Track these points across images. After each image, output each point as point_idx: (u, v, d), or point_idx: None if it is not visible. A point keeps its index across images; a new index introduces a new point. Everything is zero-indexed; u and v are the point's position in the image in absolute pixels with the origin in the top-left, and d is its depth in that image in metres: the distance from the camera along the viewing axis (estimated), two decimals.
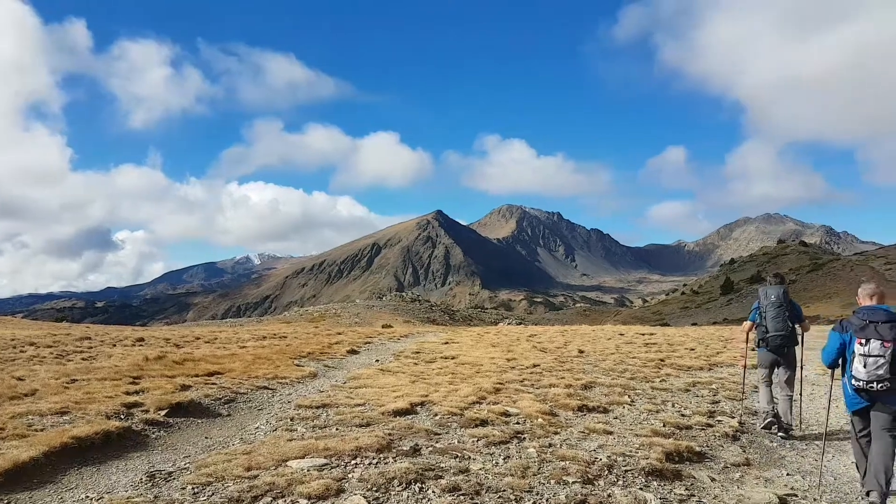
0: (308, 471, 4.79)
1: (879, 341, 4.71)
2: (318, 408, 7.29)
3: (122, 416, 6.58)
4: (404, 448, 5.54)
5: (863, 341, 4.77)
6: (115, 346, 15.40)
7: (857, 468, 5.20)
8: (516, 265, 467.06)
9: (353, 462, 5.13)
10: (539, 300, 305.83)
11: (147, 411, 6.84)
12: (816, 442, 6.82)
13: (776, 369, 7.17)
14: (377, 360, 12.24)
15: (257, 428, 6.55)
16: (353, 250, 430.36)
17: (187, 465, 5.19)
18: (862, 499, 5.02)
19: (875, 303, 5.11)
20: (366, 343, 15.63)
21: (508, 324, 49.56)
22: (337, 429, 6.30)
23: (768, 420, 6.99)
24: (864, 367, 4.74)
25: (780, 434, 7.00)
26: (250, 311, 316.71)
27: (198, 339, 18.16)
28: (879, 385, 4.71)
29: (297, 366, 11.14)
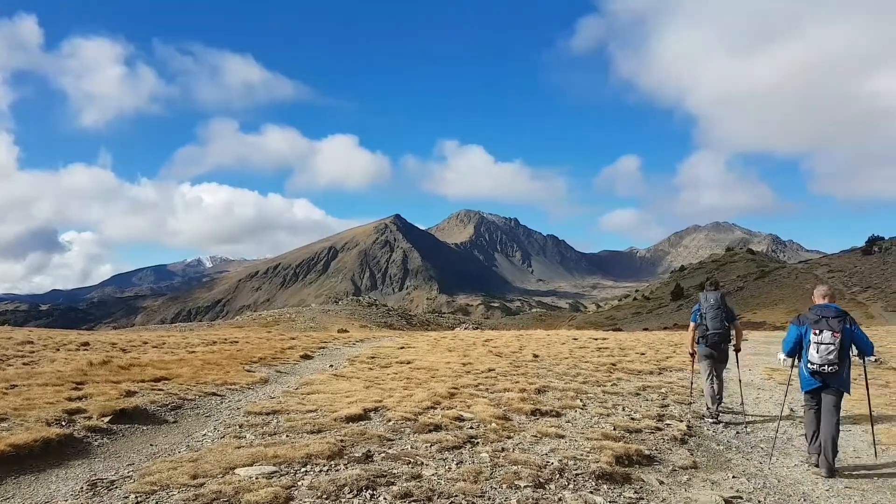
0: (256, 478, 4.70)
1: (830, 332, 5.87)
2: (268, 414, 7.17)
3: (64, 423, 6.33)
4: (356, 454, 5.49)
5: (817, 332, 5.93)
6: (58, 350, 14.80)
7: (806, 436, 6.41)
8: (474, 270, 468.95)
9: (303, 469, 5.06)
10: (496, 305, 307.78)
11: (90, 418, 6.60)
12: (762, 445, 7.07)
13: (713, 365, 8.28)
14: (331, 366, 12.10)
15: (205, 435, 6.39)
16: (309, 254, 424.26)
17: (131, 473, 5.03)
18: (808, 462, 6.27)
19: (827, 302, 6.25)
20: (320, 348, 15.42)
21: (465, 328, 49.66)
22: (287, 436, 6.20)
23: (710, 413, 8.25)
24: (818, 352, 5.90)
25: (712, 419, 8.19)
26: (201, 315, 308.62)
27: (145, 343, 17.61)
28: (829, 368, 5.88)
29: (248, 371, 10.93)
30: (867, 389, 6.70)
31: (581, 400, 8.77)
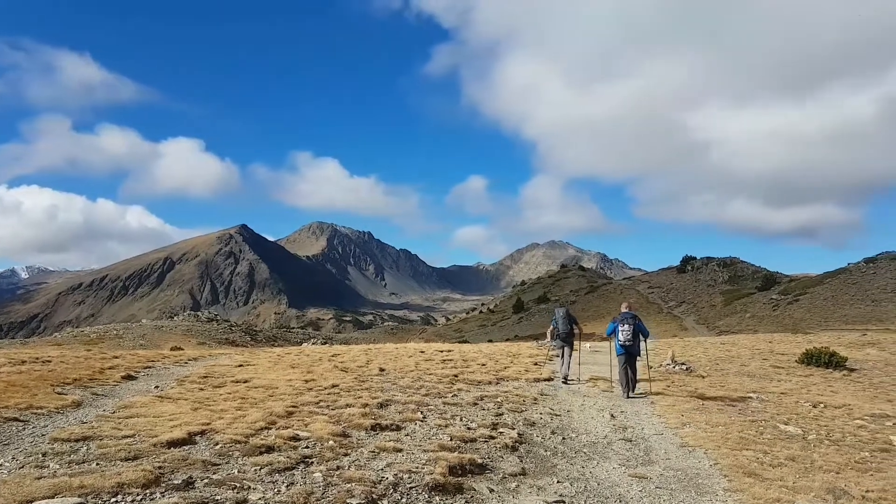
0: None
1: (629, 325, 11.64)
2: (77, 441, 6.40)
3: None
4: (175, 482, 5.07)
5: (623, 324, 11.67)
6: None
7: (620, 384, 11.84)
8: (326, 283, 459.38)
9: (113, 500, 4.59)
10: (348, 319, 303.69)
11: None
12: (585, 450, 7.59)
13: (564, 350, 13.22)
14: (156, 387, 11.11)
15: (0, 465, 5.58)
16: (141, 264, 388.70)
17: None
18: (621, 396, 11.58)
19: (627, 310, 11.97)
20: (146, 367, 14.10)
21: (313, 343, 48.39)
22: (98, 464, 5.58)
23: (562, 379, 13.06)
24: (623, 335, 11.59)
25: (563, 382, 12.97)
26: (14, 331, 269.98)
27: None
28: (629, 342, 11.55)
29: (59, 394, 9.72)
30: (646, 357, 12.98)
31: (422, 412, 8.86)
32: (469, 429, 7.97)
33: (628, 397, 11.47)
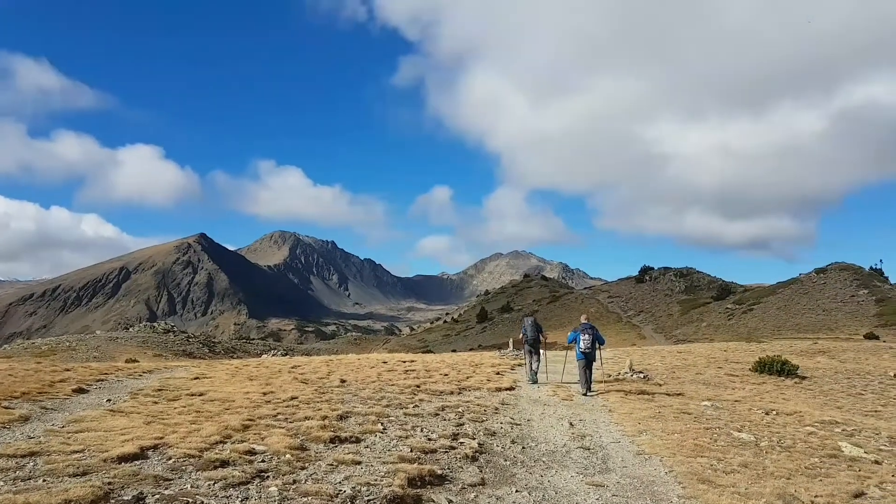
0: None
1: (588, 335, 13.42)
2: (23, 457, 6.16)
3: None
4: (125, 498, 4.92)
5: (583, 334, 13.45)
6: None
7: (580, 383, 13.39)
8: (288, 293, 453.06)
9: None
10: (310, 329, 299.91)
11: None
12: (544, 459, 7.64)
13: (531, 354, 15.19)
14: (109, 400, 10.76)
15: None
16: (95, 274, 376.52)
17: None
18: (580, 393, 13.10)
19: (585, 321, 13.78)
20: (99, 380, 13.64)
21: (273, 355, 47.59)
22: (45, 480, 5.38)
23: (531, 378, 14.82)
24: (584, 343, 13.34)
25: (532, 381, 14.69)
26: None
27: None
28: (588, 350, 13.32)
29: (6, 408, 9.33)
30: (600, 360, 14.98)
31: (382, 424, 8.80)
32: (430, 439, 7.95)
33: (586, 394, 13.06)
